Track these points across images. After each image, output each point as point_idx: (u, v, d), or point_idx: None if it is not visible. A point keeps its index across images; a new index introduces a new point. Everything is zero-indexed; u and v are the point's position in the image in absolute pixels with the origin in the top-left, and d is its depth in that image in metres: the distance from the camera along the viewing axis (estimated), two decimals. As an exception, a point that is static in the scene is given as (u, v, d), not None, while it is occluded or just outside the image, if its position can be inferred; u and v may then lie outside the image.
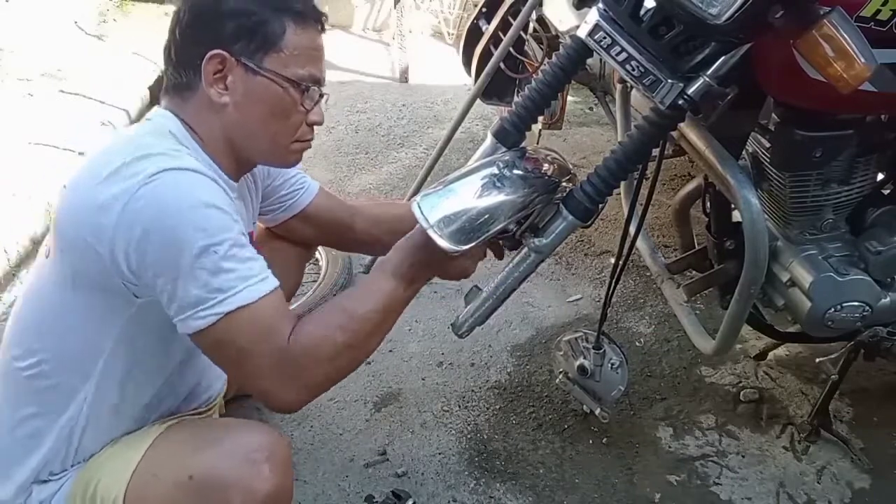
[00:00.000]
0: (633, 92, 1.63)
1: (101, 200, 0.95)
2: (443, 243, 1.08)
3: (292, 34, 1.05)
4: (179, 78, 1.07)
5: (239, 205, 1.15)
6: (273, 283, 1.01)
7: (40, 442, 1.07)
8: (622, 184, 1.70)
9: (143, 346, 1.08)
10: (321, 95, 1.11)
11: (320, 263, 2.15)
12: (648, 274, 2.03)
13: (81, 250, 0.98)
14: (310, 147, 1.16)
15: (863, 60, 0.98)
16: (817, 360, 1.62)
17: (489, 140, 1.28)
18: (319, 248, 2.17)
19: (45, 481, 1.08)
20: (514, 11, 2.20)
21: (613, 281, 1.45)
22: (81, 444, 1.09)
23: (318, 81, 1.10)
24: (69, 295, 1.03)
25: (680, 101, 1.07)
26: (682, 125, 1.31)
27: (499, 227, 1.12)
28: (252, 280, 0.98)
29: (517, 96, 1.28)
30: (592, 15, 1.12)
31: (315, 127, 1.14)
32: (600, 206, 1.19)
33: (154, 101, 3.23)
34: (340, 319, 1.04)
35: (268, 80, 1.05)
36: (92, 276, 1.00)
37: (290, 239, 1.47)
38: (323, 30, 1.10)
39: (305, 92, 1.07)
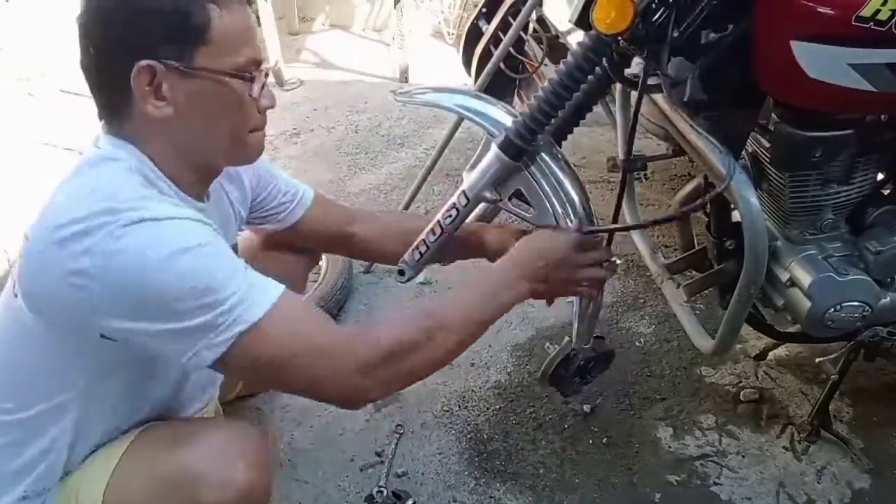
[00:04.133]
0: (634, 93, 1.63)
1: (73, 265, 0.88)
2: None
3: (218, 21, 0.94)
4: (109, 98, 0.98)
5: (214, 215, 1.10)
6: (278, 285, 0.97)
7: (15, 473, 1.04)
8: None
9: (124, 381, 1.06)
10: (266, 75, 1.03)
11: (320, 264, 2.15)
12: (648, 274, 2.03)
13: (55, 307, 0.94)
14: (264, 135, 1.07)
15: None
16: (817, 360, 1.62)
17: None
18: (319, 248, 2.17)
19: (24, 498, 1.05)
20: (514, 11, 2.19)
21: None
22: (58, 468, 1.06)
23: (259, 63, 1.01)
24: (39, 338, 0.98)
25: None
26: (681, 125, 1.31)
27: None
28: (255, 293, 0.93)
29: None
30: None
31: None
32: (532, 143, 1.21)
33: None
34: (425, 324, 1.02)
35: (205, 79, 0.96)
36: (67, 327, 0.95)
37: (292, 246, 1.43)
38: (249, 3, 1.00)
39: (250, 79, 0.99)
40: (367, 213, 1.50)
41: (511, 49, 2.07)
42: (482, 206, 1.45)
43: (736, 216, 1.41)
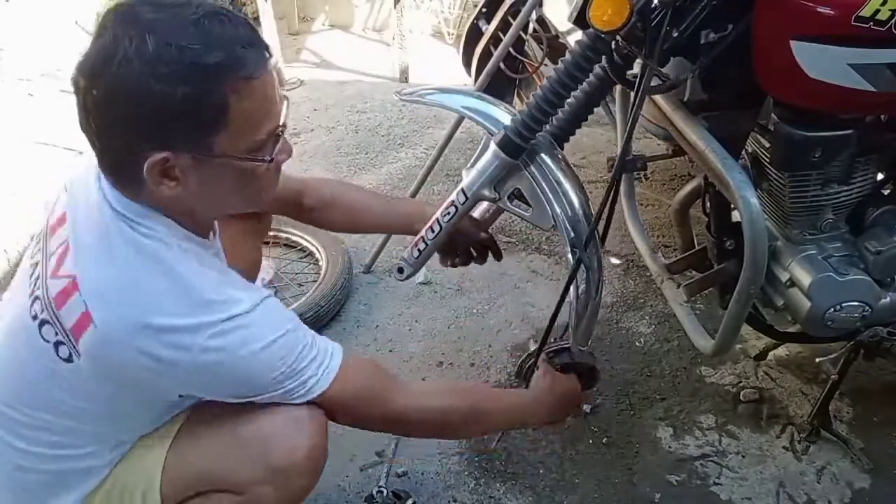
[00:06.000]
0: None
1: (164, 354, 0.91)
2: None
3: (237, 104, 0.86)
4: (116, 168, 0.93)
5: (218, 246, 1.13)
6: (339, 352, 1.07)
7: (51, 488, 1.05)
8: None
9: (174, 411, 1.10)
10: (284, 128, 0.96)
11: (320, 264, 2.15)
12: (648, 274, 2.03)
13: (134, 383, 0.96)
14: (278, 181, 1.06)
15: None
16: (817, 360, 1.62)
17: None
18: (319, 248, 2.18)
19: None
20: (514, 11, 2.20)
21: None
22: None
23: (278, 128, 0.94)
24: (105, 396, 0.99)
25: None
26: (681, 124, 1.31)
27: None
28: (325, 364, 1.04)
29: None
30: None
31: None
32: (530, 142, 1.25)
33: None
34: (465, 410, 1.22)
35: (222, 164, 0.91)
36: (131, 399, 1.00)
37: (243, 218, 1.42)
38: (270, 56, 0.92)
39: (269, 161, 0.94)
40: (317, 189, 1.49)
41: (511, 49, 2.07)
42: (483, 207, 1.45)
43: (736, 216, 1.42)
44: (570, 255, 1.29)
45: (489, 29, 2.34)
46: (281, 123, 0.96)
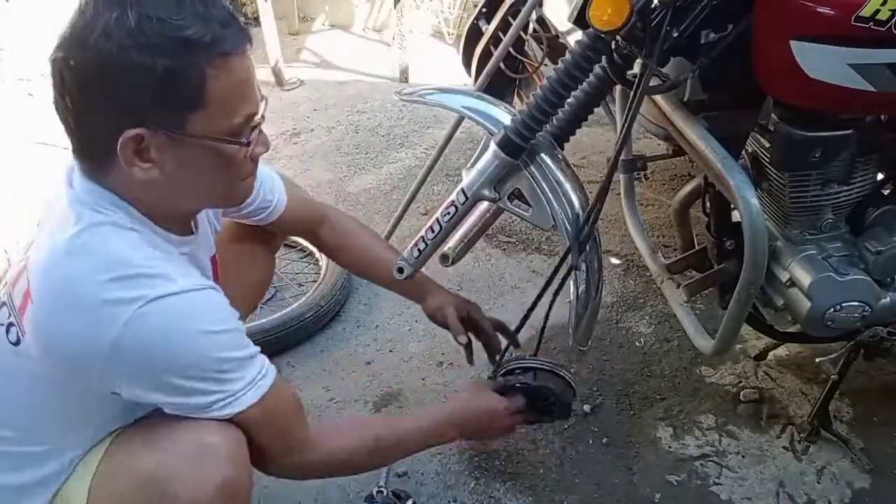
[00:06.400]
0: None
1: (84, 334, 0.88)
2: None
3: (215, 81, 0.86)
4: (91, 150, 0.92)
5: (197, 247, 1.10)
6: (272, 375, 1.01)
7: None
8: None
9: (131, 416, 1.05)
10: (262, 119, 0.96)
11: (320, 264, 2.15)
12: (648, 274, 2.03)
13: (66, 370, 0.93)
14: (255, 178, 1.04)
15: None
16: (817, 360, 1.62)
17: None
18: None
19: None
20: (514, 11, 2.20)
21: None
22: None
23: (255, 114, 0.93)
24: (50, 391, 0.97)
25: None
26: (681, 124, 1.31)
27: None
28: (252, 383, 0.98)
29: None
30: None
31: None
32: (529, 141, 1.25)
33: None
34: (371, 445, 1.19)
35: (198, 145, 0.90)
36: (77, 387, 0.95)
37: (255, 236, 1.44)
38: (250, 43, 0.91)
39: (246, 144, 0.93)
40: (337, 218, 1.51)
41: (511, 49, 2.07)
42: (483, 207, 1.45)
43: (736, 216, 1.42)
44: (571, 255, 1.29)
45: (489, 29, 2.34)
46: (260, 114, 0.95)
